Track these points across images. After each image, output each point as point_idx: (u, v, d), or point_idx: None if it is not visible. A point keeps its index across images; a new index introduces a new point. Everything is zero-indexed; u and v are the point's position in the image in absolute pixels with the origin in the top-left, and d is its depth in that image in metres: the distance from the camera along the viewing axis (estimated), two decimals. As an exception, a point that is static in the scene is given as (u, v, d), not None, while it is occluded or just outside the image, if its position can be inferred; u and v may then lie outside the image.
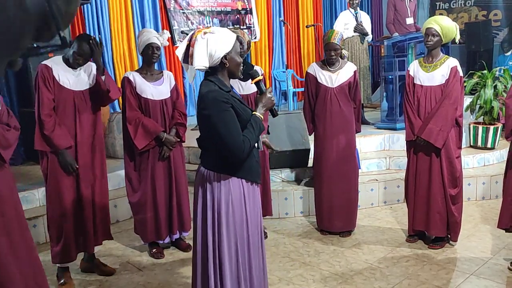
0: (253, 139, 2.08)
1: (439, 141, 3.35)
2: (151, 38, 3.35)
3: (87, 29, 6.03)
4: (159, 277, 3.26)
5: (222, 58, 2.08)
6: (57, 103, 3.00)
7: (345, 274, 3.20)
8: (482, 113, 5.34)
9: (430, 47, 3.42)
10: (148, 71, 3.46)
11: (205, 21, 7.30)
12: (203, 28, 2.13)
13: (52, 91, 2.96)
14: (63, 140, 2.98)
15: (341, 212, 3.84)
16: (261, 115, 2.15)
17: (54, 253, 3.09)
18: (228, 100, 2.04)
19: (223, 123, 2.02)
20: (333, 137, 3.76)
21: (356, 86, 3.81)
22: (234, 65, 2.13)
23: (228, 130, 2.02)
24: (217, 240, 2.15)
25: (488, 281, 3.03)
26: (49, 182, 3.03)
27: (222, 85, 2.09)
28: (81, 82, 3.08)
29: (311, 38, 8.60)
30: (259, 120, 2.13)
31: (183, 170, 3.63)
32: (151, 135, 3.36)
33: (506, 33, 8.49)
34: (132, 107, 3.37)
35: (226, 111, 2.03)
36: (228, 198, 2.12)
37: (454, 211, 3.48)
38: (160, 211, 3.48)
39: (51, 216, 3.07)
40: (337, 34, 3.69)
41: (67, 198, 3.03)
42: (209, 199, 2.15)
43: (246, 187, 2.18)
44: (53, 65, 2.99)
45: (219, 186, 2.12)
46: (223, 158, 2.11)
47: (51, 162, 3.01)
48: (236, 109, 2.07)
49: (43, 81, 2.94)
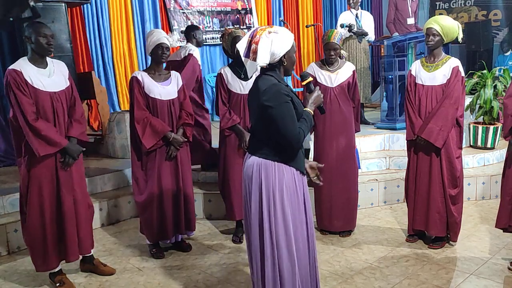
0: (306, 131, 2.25)
1: (439, 141, 3.35)
2: (161, 38, 3.39)
3: (87, 29, 6.04)
4: (159, 277, 3.27)
5: (282, 56, 2.24)
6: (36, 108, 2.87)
7: (345, 274, 3.20)
8: (482, 113, 5.34)
9: (431, 47, 3.42)
10: (156, 71, 3.47)
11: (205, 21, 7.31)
12: (266, 26, 2.27)
13: (28, 95, 2.82)
14: (61, 137, 2.94)
15: (341, 212, 3.84)
16: (311, 111, 2.33)
17: (35, 262, 3.03)
18: (288, 93, 2.21)
19: (284, 114, 2.17)
20: (333, 137, 3.76)
21: (355, 85, 3.82)
22: (290, 63, 2.30)
23: (287, 121, 2.17)
24: (274, 227, 2.25)
25: (488, 280, 3.03)
26: (31, 191, 2.92)
27: (279, 79, 2.26)
28: (56, 84, 2.96)
29: (311, 38, 8.61)
30: (310, 115, 2.31)
31: (189, 170, 3.65)
32: (159, 134, 3.37)
33: (506, 33, 8.50)
34: (140, 107, 3.38)
35: (287, 103, 2.19)
36: (283, 185, 2.25)
37: (454, 211, 3.48)
38: (167, 210, 3.48)
39: (30, 224, 2.96)
40: (336, 33, 3.70)
41: (48, 205, 2.94)
42: (264, 186, 2.26)
43: (297, 176, 2.32)
44: (21, 68, 2.84)
45: (274, 174, 2.25)
46: (279, 147, 2.25)
47: (33, 168, 2.91)
48: (295, 102, 2.23)
49: (16, 87, 2.79)
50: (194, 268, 3.38)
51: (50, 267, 3.05)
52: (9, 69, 2.83)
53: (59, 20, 5.19)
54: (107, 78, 6.26)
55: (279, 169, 2.26)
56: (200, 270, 3.35)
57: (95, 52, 6.16)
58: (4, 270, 3.46)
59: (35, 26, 2.88)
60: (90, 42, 6.12)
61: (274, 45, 2.19)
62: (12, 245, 3.76)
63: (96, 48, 6.18)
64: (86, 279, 3.27)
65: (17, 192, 4.05)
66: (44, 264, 3.03)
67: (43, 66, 2.94)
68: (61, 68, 3.04)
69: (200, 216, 4.39)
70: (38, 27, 2.88)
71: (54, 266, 3.06)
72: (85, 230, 3.14)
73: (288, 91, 2.21)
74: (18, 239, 3.77)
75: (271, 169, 2.26)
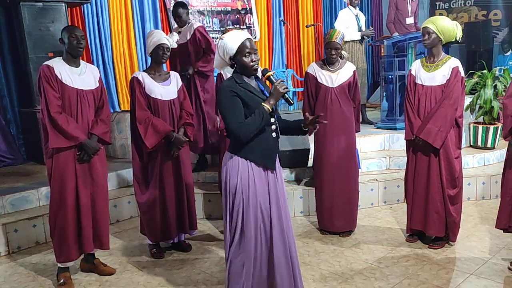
0: (253, 125, 2.28)
1: (438, 141, 3.35)
2: (162, 39, 3.41)
3: (87, 29, 6.03)
4: (159, 277, 3.27)
5: (229, 60, 2.37)
6: (61, 102, 3.01)
7: (345, 274, 3.20)
8: (482, 113, 5.34)
9: (428, 45, 3.43)
10: (156, 72, 3.48)
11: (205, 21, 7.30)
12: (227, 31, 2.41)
13: (56, 89, 2.98)
14: (79, 132, 3.01)
15: (341, 212, 3.84)
16: (268, 106, 2.31)
17: (56, 252, 3.11)
18: (233, 89, 2.30)
19: (225, 108, 2.30)
20: (333, 137, 3.76)
21: (355, 86, 3.82)
22: (240, 66, 2.36)
23: (228, 114, 2.29)
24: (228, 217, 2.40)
25: (488, 280, 3.03)
26: (53, 183, 3.04)
27: (237, 78, 2.36)
28: (85, 82, 3.09)
29: (311, 38, 8.60)
30: (263, 109, 2.30)
31: (190, 169, 3.66)
32: (160, 134, 3.37)
33: (506, 33, 8.50)
34: (142, 107, 3.39)
35: (229, 98, 2.29)
36: (237, 176, 2.35)
37: (453, 211, 3.48)
38: (169, 210, 3.49)
39: (53, 215, 3.07)
40: (338, 33, 3.70)
41: (70, 199, 3.03)
42: (224, 177, 2.41)
43: (257, 171, 2.38)
44: (54, 64, 3.01)
45: (231, 165, 2.38)
46: (232, 140, 2.42)
47: (56, 163, 3.01)
48: (242, 97, 2.30)
49: (46, 80, 2.95)
50: (194, 268, 3.38)
51: (69, 258, 3.12)
52: (42, 65, 3.02)
53: (59, 20, 5.20)
54: (107, 78, 6.25)
55: (235, 161, 2.37)
56: (200, 270, 3.35)
57: (95, 52, 6.15)
58: (4, 270, 3.46)
59: (67, 29, 3.10)
60: (90, 42, 6.11)
61: (220, 50, 2.37)
62: (12, 245, 3.76)
63: (96, 48, 6.17)
64: (86, 278, 3.27)
65: (17, 192, 4.11)
66: (63, 255, 3.10)
67: (75, 65, 3.10)
68: (92, 71, 3.20)
69: (200, 216, 4.39)
70: (69, 29, 3.08)
71: (74, 257, 3.14)
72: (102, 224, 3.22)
73: (234, 87, 2.30)
74: (18, 239, 3.78)
75: (230, 161, 2.39)
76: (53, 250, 3.14)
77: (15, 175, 4.86)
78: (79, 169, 3.06)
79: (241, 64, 2.35)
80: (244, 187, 2.35)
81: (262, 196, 2.39)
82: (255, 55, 2.34)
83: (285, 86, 2.33)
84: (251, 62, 2.33)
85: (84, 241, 3.12)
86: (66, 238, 3.06)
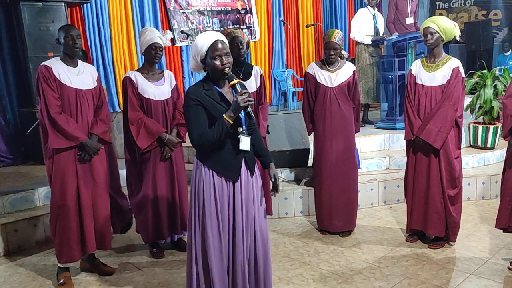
0: (211, 137, 2.22)
1: (438, 142, 3.35)
2: (154, 38, 3.35)
3: (87, 29, 6.04)
4: (159, 277, 3.27)
5: (200, 62, 2.30)
6: (61, 102, 3.00)
7: (345, 274, 3.20)
8: (482, 113, 5.34)
9: (431, 45, 3.41)
10: (149, 71, 3.45)
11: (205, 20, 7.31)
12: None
13: (55, 90, 2.96)
14: (80, 132, 3.00)
15: (341, 212, 3.84)
16: (227, 118, 2.22)
17: (57, 253, 3.10)
18: (197, 97, 2.24)
19: (187, 116, 2.28)
20: (333, 137, 3.76)
21: (355, 86, 3.81)
22: (210, 69, 2.29)
23: (190, 123, 2.27)
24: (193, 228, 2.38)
25: (487, 280, 3.03)
26: (54, 184, 3.02)
27: (205, 83, 2.30)
28: (83, 82, 3.08)
29: (311, 38, 8.61)
30: (223, 121, 2.21)
31: (184, 170, 3.63)
32: (153, 135, 3.36)
33: (506, 33, 8.51)
34: (134, 108, 3.37)
35: (191, 106, 2.25)
36: (200, 183, 2.33)
37: (453, 211, 3.48)
38: (162, 211, 3.47)
39: (54, 216, 3.06)
40: (337, 33, 3.69)
41: (71, 200, 3.02)
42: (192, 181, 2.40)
43: (219, 180, 2.31)
44: (52, 65, 3.00)
45: (195, 171, 2.37)
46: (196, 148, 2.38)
47: (56, 163, 3.00)
48: (206, 107, 2.25)
49: (45, 81, 2.94)
50: (194, 268, 3.37)
51: (72, 259, 3.10)
52: (40, 65, 3.00)
53: (59, 20, 5.20)
54: (107, 78, 6.26)
55: (199, 167, 2.34)
56: (200, 270, 3.35)
57: (95, 52, 6.16)
58: (4, 270, 3.46)
59: (63, 29, 3.06)
60: (90, 42, 6.12)
61: (192, 52, 2.32)
62: (12, 245, 3.76)
63: (96, 48, 6.18)
64: (86, 278, 3.27)
65: (17, 192, 4.10)
66: (65, 256, 3.08)
67: (73, 65, 3.09)
68: (90, 70, 3.19)
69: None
70: (65, 29, 3.05)
71: (76, 258, 3.12)
72: (104, 224, 3.19)
73: (197, 95, 2.23)
74: (18, 239, 3.77)
75: (195, 167, 2.38)
76: (55, 250, 3.13)
77: (15, 175, 4.86)
78: (80, 169, 3.05)
79: (211, 67, 2.25)
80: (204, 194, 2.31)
81: (221, 205, 2.31)
82: (227, 57, 2.23)
83: (246, 99, 2.18)
84: (222, 65, 2.22)
85: (87, 242, 3.10)
86: (68, 239, 3.05)
